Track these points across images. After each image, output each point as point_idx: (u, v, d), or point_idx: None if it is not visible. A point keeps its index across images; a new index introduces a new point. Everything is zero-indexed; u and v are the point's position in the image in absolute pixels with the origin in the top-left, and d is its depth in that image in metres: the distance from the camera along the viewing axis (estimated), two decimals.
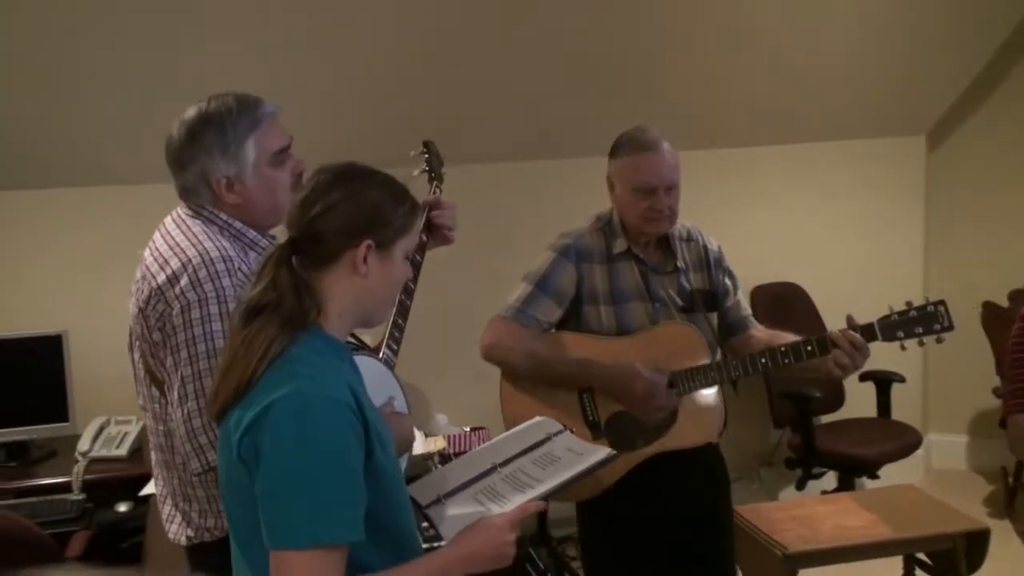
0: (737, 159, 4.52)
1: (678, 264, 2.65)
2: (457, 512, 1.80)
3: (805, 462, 4.15)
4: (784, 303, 4.54)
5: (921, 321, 2.42)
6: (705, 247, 2.71)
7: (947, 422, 5.06)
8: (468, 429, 3.92)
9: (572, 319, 2.64)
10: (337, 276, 1.60)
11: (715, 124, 4.35)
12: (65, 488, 3.34)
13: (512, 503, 1.74)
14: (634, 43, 3.93)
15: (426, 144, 2.57)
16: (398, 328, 2.20)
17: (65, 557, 2.84)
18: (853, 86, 4.42)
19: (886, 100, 4.57)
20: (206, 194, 1.98)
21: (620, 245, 2.62)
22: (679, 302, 2.63)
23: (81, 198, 3.90)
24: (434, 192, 2.46)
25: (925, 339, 2.44)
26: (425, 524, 1.81)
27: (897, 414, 4.42)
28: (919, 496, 3.34)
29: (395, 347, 2.18)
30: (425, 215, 2.30)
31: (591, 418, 2.59)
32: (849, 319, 2.46)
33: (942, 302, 2.44)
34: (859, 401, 4.39)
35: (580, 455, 1.88)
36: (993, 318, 4.50)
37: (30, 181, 3.82)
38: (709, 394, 2.57)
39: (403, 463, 1.98)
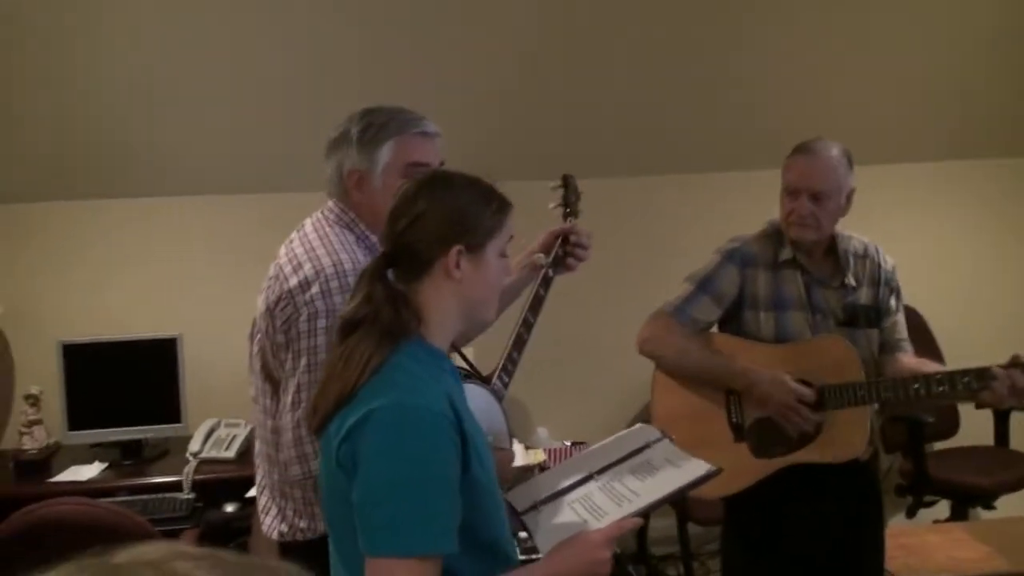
0: (871, 176, 4.41)
1: (846, 280, 2.63)
2: (552, 521, 1.79)
3: (916, 489, 4.01)
4: None
5: None
6: (879, 265, 2.69)
7: None
8: (569, 443, 3.92)
9: (732, 322, 2.68)
10: (433, 284, 1.61)
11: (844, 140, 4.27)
12: (176, 487, 3.44)
13: (609, 516, 1.72)
14: (784, 53, 3.93)
15: (565, 178, 2.56)
16: (512, 361, 2.22)
17: None
18: (969, 102, 4.27)
19: (1003, 117, 4.40)
20: (338, 185, 2.05)
21: (786, 253, 2.63)
22: (840, 316, 2.62)
23: (199, 206, 4.02)
24: (568, 224, 2.45)
25: None
26: (523, 533, 1.80)
27: (1016, 443, 4.24)
28: None
29: (507, 379, 2.20)
30: (557, 246, 2.34)
31: (735, 419, 2.63)
32: (1016, 357, 2.37)
33: None
34: (975, 428, 4.22)
35: (679, 468, 1.84)
36: None
37: (147, 188, 3.95)
38: (857, 411, 2.53)
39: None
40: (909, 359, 2.66)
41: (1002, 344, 2.42)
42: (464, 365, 2.16)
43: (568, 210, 2.48)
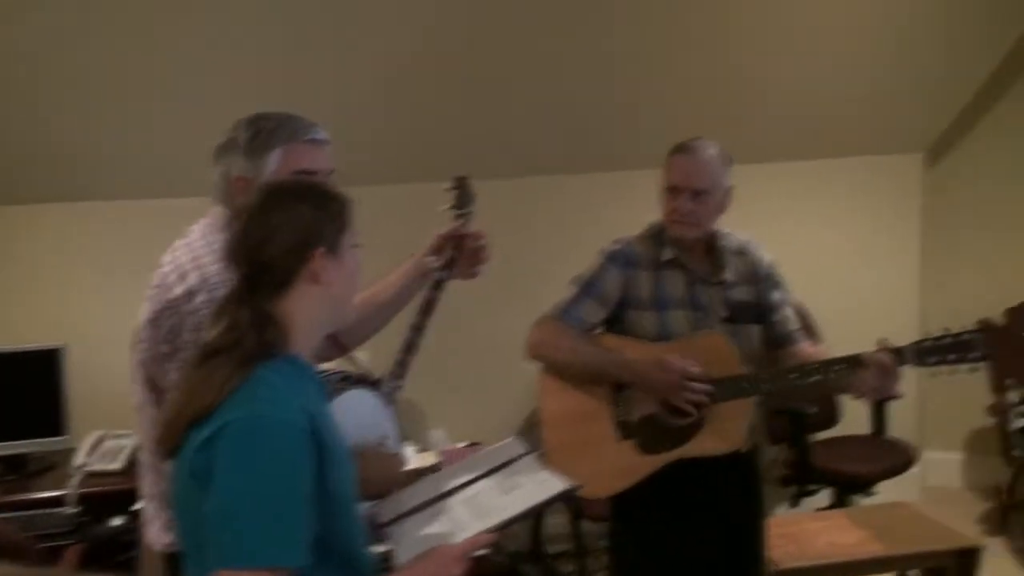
0: (743, 175, 4.54)
1: (725, 276, 2.70)
2: (414, 534, 1.81)
3: (800, 479, 4.15)
4: None
5: (956, 349, 2.42)
6: (757, 261, 2.77)
7: (943, 440, 5.07)
8: (464, 444, 3.94)
9: (617, 323, 2.73)
10: (299, 294, 1.62)
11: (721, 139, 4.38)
12: (61, 501, 3.35)
13: (470, 530, 1.74)
14: (664, 55, 4.00)
15: (458, 180, 2.54)
16: (403, 364, 2.25)
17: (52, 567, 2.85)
18: (850, 103, 4.44)
19: (883, 117, 4.59)
20: (225, 191, 2.03)
21: (668, 253, 2.69)
22: (723, 313, 2.69)
23: (81, 213, 3.93)
24: (461, 227, 2.45)
25: (959, 367, 2.43)
26: (384, 546, 1.81)
27: (893, 431, 4.42)
28: (912, 513, 3.35)
29: (398, 382, 2.23)
30: (448, 249, 2.36)
31: (622, 418, 2.68)
32: (882, 341, 2.46)
33: (981, 331, 2.42)
34: (855, 418, 4.39)
35: (541, 484, 1.87)
36: (990, 335, 4.49)
37: (28, 195, 3.84)
38: (737, 404, 2.61)
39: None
40: (805, 348, 2.75)
41: (879, 332, 2.52)
42: (353, 370, 2.17)
43: (461, 212, 2.49)
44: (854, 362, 2.45)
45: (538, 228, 4.30)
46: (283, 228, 1.60)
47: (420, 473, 3.22)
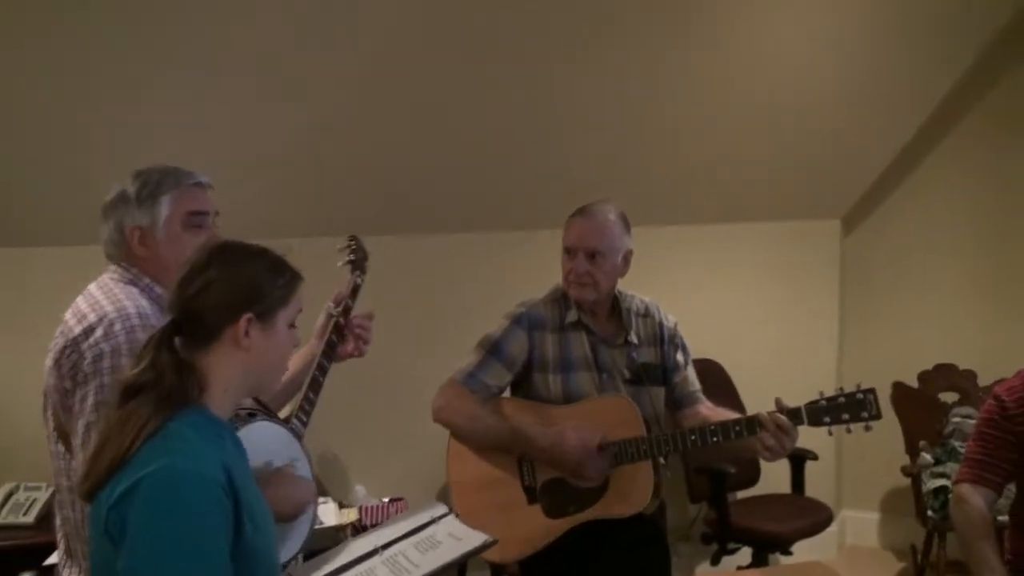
0: (656, 237, 4.61)
1: (629, 338, 2.74)
2: None
3: (720, 537, 4.20)
4: (704, 381, 4.60)
5: (849, 408, 2.46)
6: (661, 323, 2.82)
7: (860, 499, 5.16)
8: (386, 500, 3.92)
9: (523, 385, 2.76)
10: (220, 352, 1.63)
11: (634, 203, 4.45)
12: None
13: None
14: (570, 118, 4.04)
15: (352, 238, 2.64)
16: (309, 402, 2.27)
17: None
18: (771, 169, 4.57)
19: (803, 183, 4.73)
20: (121, 245, 2.09)
21: (572, 316, 2.73)
22: (627, 374, 2.73)
23: (3, 259, 3.86)
24: (355, 282, 2.52)
25: (852, 426, 2.47)
26: None
27: (811, 491, 4.49)
28: (826, 573, 3.39)
29: (304, 419, 2.23)
30: (336, 320, 2.40)
31: (527, 482, 2.69)
32: (778, 402, 2.51)
33: (872, 390, 2.46)
34: (774, 477, 4.47)
35: (459, 540, 1.94)
36: (903, 398, 4.63)
37: None
38: (640, 466, 2.63)
39: (305, 526, 2.01)
40: (705, 410, 2.80)
41: (797, 392, 2.58)
42: (259, 407, 2.17)
43: (355, 267, 2.55)
44: (751, 423, 2.50)
45: (457, 283, 4.32)
46: (221, 283, 1.62)
47: (340, 529, 3.24)
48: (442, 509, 2.10)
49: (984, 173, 4.85)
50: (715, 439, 2.55)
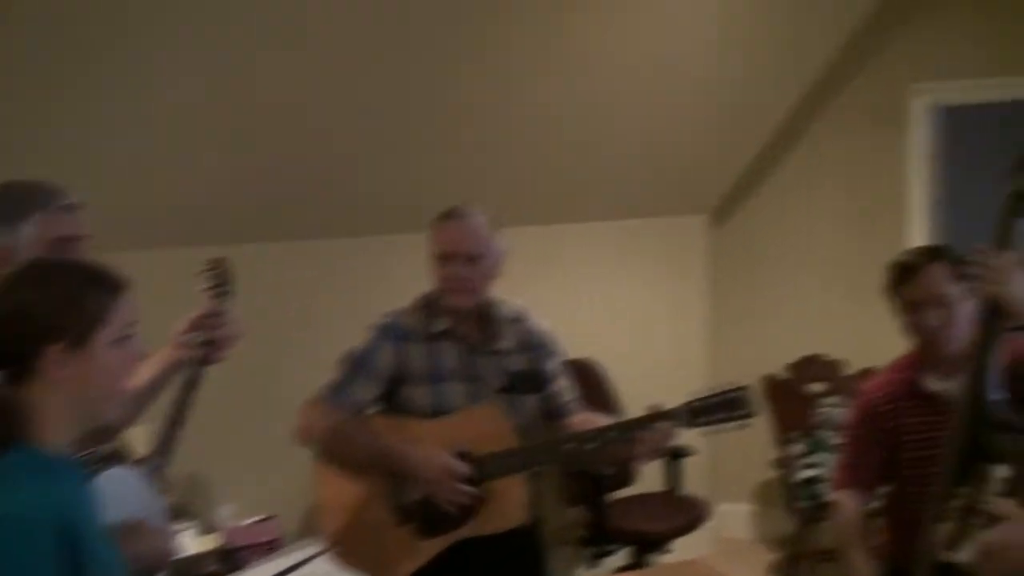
0: (527, 237, 4.56)
1: (500, 345, 2.64)
2: None
3: (597, 540, 4.16)
4: (579, 381, 4.53)
5: (724, 407, 2.43)
6: (532, 329, 2.72)
7: (734, 492, 5.20)
8: (256, 519, 3.75)
9: (392, 399, 2.62)
10: (41, 385, 1.47)
11: (505, 202, 4.37)
12: None
13: None
14: (431, 121, 3.90)
15: (214, 261, 2.44)
16: (169, 439, 2.15)
17: None
18: (637, 166, 4.55)
19: (670, 180, 4.74)
20: None
21: (441, 324, 2.61)
22: (499, 383, 2.63)
23: None
24: (217, 310, 2.36)
25: (728, 425, 2.44)
26: None
27: (686, 487, 4.49)
28: (702, 570, 3.36)
29: (165, 458, 2.14)
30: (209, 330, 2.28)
31: (398, 502, 2.57)
32: (652, 406, 2.46)
33: (746, 387, 2.44)
34: (650, 476, 4.44)
35: None
36: (773, 390, 4.68)
37: None
38: (514, 479, 2.54)
39: None
40: (578, 419, 2.72)
41: (671, 388, 2.54)
42: (115, 451, 2.03)
43: (219, 290, 2.39)
44: (627, 428, 2.44)
45: (325, 292, 4.14)
46: (24, 312, 1.46)
47: (203, 557, 3.05)
48: (312, 548, 1.99)
49: (845, 164, 4.95)
50: (590, 446, 2.48)
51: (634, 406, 2.61)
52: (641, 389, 3.02)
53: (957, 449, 1.85)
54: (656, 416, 2.43)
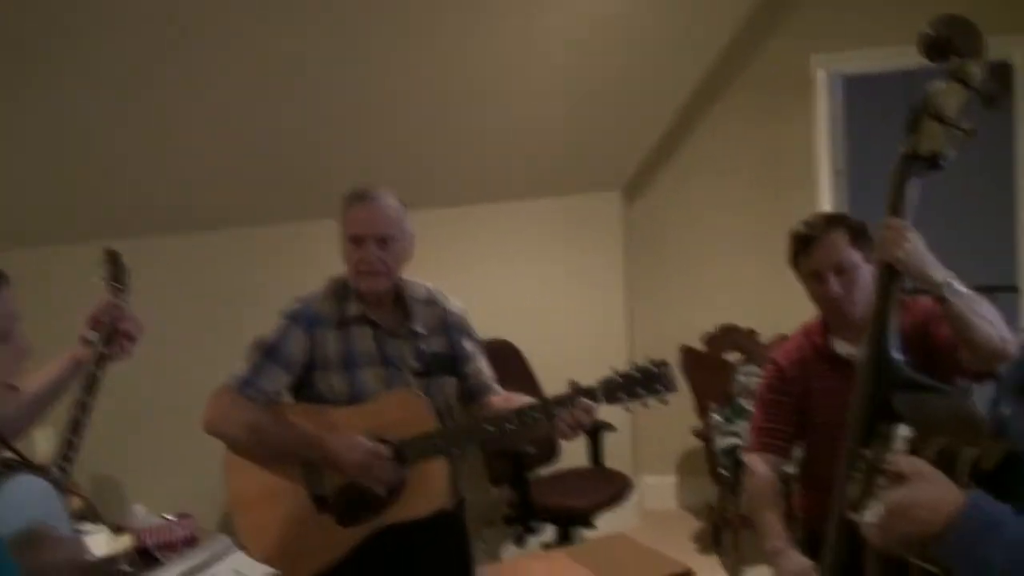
0: (443, 219, 4.52)
1: (415, 328, 2.60)
2: None
3: (523, 518, 4.17)
4: (497, 361, 4.53)
5: (644, 382, 2.43)
6: (446, 310, 2.68)
7: (657, 464, 5.26)
8: (171, 517, 3.65)
9: (305, 386, 2.57)
10: None
11: (426, 184, 4.33)
12: None
13: None
14: (342, 105, 3.83)
15: (109, 253, 2.37)
16: (71, 446, 2.09)
17: None
18: (548, 144, 4.55)
19: (582, 157, 4.75)
20: None
21: (354, 309, 2.56)
22: (416, 366, 2.59)
23: None
24: (116, 304, 2.28)
25: (648, 401, 2.44)
26: None
27: (610, 461, 4.53)
28: (627, 544, 3.40)
29: (67, 465, 2.07)
30: (108, 322, 2.20)
31: (317, 491, 2.52)
32: (572, 383, 2.45)
33: (665, 362, 2.44)
34: (573, 452, 4.46)
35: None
36: (691, 361, 4.74)
37: None
38: (435, 462, 2.51)
39: None
40: (499, 399, 2.70)
41: (591, 365, 2.54)
42: (14, 457, 1.95)
43: (115, 284, 2.31)
44: (547, 407, 2.44)
45: (233, 281, 4.04)
46: None
47: (114, 559, 2.96)
48: (228, 545, 1.93)
49: (753, 136, 5.02)
50: (511, 427, 2.46)
51: (555, 384, 2.60)
52: (562, 366, 3.02)
53: (862, 410, 1.87)
54: (575, 394, 2.43)
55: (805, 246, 2.47)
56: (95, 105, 3.28)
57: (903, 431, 1.58)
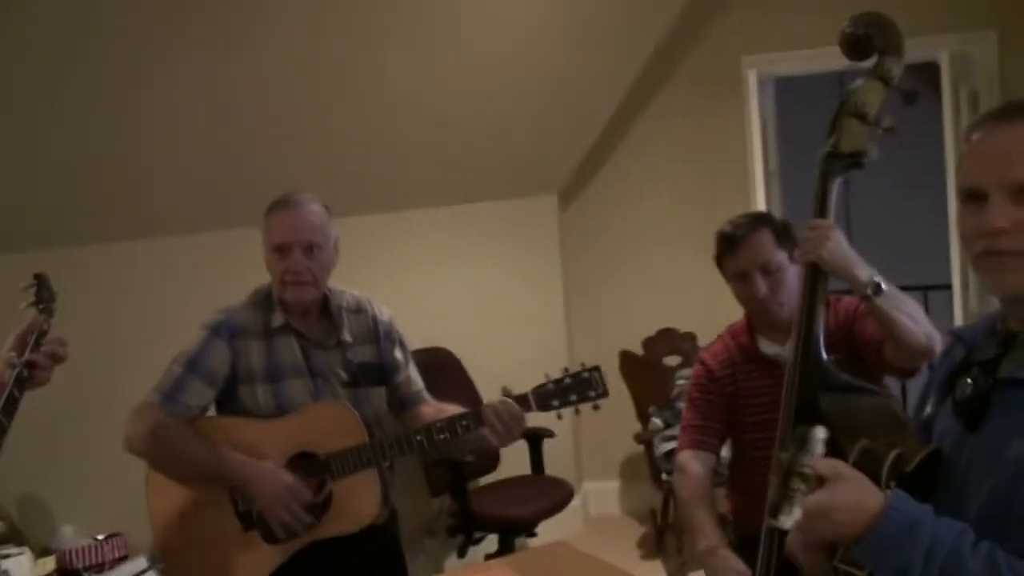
0: (378, 224, 4.47)
1: (343, 337, 2.54)
2: None
3: (464, 528, 4.12)
4: (435, 370, 4.49)
5: (576, 389, 2.41)
6: (375, 318, 2.63)
7: (599, 470, 5.25)
8: (101, 538, 3.56)
9: (230, 399, 2.49)
10: None
11: (358, 190, 4.27)
12: None
13: None
14: (271, 110, 3.76)
15: (37, 276, 2.31)
16: None
17: None
18: (483, 149, 4.51)
19: (517, 161, 4.71)
20: None
21: (278, 319, 2.49)
22: (344, 377, 2.53)
23: None
24: (41, 327, 2.20)
25: (580, 407, 2.43)
26: None
27: (551, 468, 4.49)
28: (569, 552, 3.35)
29: None
30: (31, 344, 2.13)
31: (241, 508, 2.44)
32: (504, 390, 2.43)
33: (597, 368, 2.42)
34: (514, 460, 4.42)
35: None
36: (631, 366, 4.73)
37: None
38: (365, 475, 2.45)
39: None
40: (429, 408, 2.66)
41: (531, 370, 2.51)
42: None
43: (42, 307, 2.24)
44: (478, 416, 2.40)
45: (155, 293, 3.94)
46: None
47: None
48: (142, 564, 1.86)
49: (685, 138, 5.05)
50: (442, 436, 2.42)
51: (495, 390, 2.56)
52: (501, 373, 2.97)
53: (791, 412, 1.86)
54: (507, 400, 2.40)
55: (731, 246, 2.46)
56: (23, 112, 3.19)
57: (820, 433, 1.56)
